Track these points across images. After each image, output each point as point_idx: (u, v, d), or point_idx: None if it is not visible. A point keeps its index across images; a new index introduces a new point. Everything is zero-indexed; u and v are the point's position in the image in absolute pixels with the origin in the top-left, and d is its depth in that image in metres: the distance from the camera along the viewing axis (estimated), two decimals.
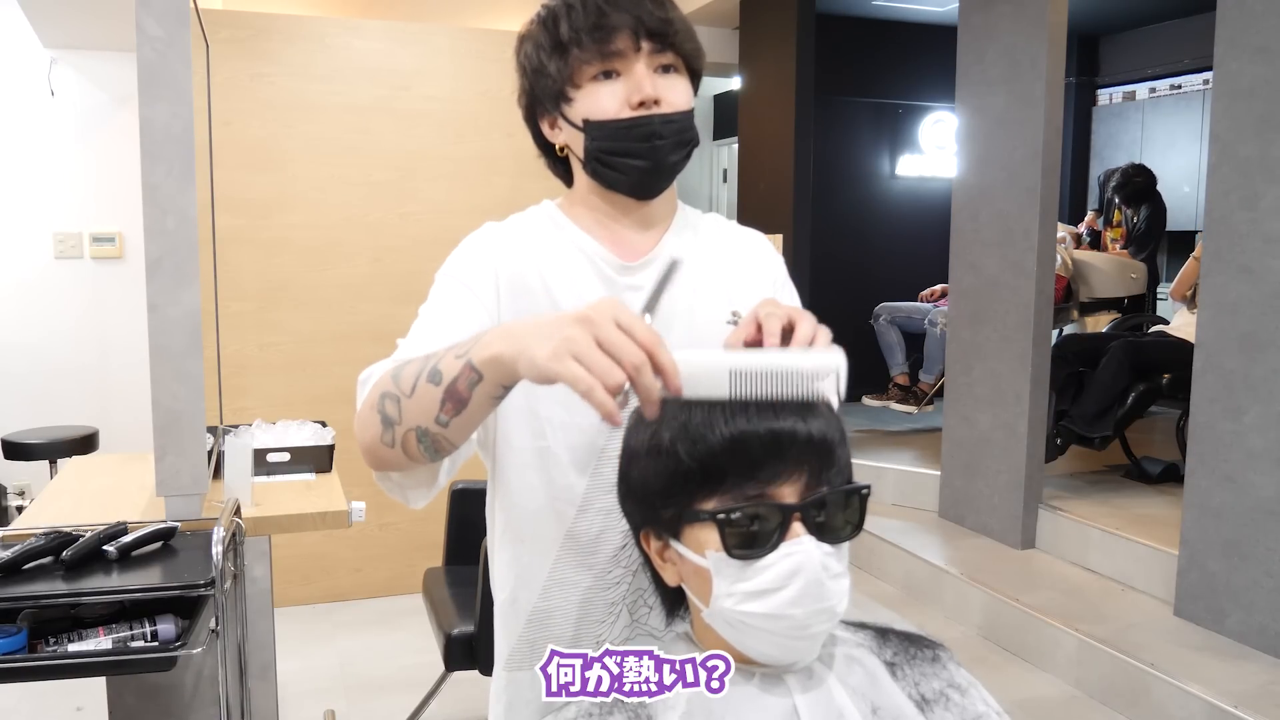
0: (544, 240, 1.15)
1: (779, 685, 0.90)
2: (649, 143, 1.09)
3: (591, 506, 1.09)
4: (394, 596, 3.84)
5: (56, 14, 3.92)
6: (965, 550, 3.85)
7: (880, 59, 5.97)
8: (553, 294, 1.10)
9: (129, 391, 4.37)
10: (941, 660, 0.98)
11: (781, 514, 0.84)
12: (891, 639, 0.99)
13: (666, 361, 0.78)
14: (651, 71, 1.09)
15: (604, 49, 1.07)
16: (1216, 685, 2.69)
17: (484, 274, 1.10)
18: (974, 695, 0.96)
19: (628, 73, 1.09)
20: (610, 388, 0.75)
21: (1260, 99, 2.82)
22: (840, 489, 0.87)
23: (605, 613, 1.10)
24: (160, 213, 2.00)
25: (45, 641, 1.66)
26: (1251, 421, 2.87)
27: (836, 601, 0.85)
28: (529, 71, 1.15)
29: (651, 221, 1.17)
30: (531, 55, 1.14)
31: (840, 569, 0.86)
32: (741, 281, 1.19)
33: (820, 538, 0.85)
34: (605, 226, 1.16)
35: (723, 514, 0.84)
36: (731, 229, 1.25)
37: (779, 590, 0.84)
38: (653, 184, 1.13)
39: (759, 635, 0.86)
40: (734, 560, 0.85)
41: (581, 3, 1.08)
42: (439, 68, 3.83)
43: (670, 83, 1.10)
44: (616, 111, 1.08)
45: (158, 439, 2.04)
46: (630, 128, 1.08)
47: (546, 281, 1.11)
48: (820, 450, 0.86)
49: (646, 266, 1.14)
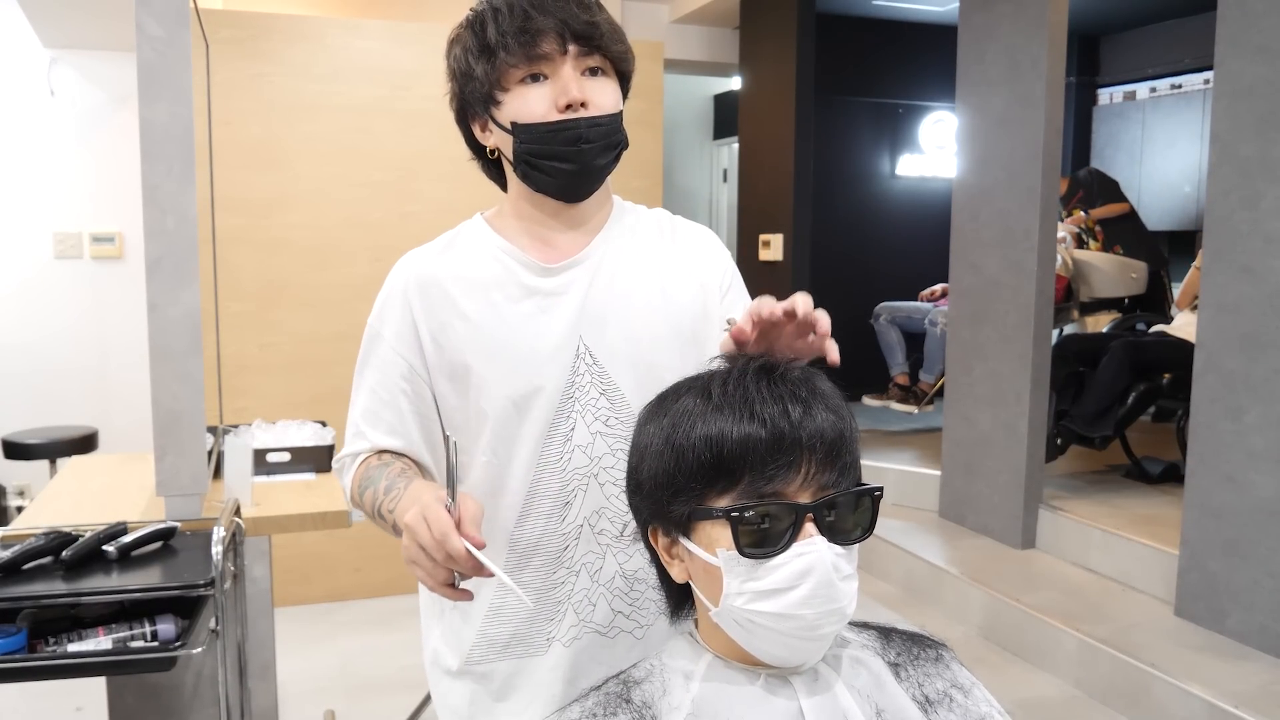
0: (464, 252, 1.19)
1: (785, 687, 0.89)
2: (575, 146, 1.10)
3: (531, 514, 1.14)
4: (394, 596, 3.84)
5: (56, 14, 3.92)
6: (966, 550, 3.85)
7: (880, 59, 5.96)
8: (459, 305, 1.15)
9: (129, 391, 4.37)
10: (945, 660, 0.98)
11: (794, 514, 0.84)
12: (895, 639, 0.99)
13: (456, 551, 0.90)
14: (579, 74, 1.11)
15: (530, 52, 1.09)
16: (1217, 685, 2.68)
17: (403, 335, 1.16)
18: (977, 695, 0.96)
19: (554, 76, 1.10)
20: (439, 586, 0.94)
21: (1261, 99, 2.82)
22: (852, 490, 0.87)
23: (552, 611, 1.15)
24: (160, 213, 2.00)
25: (45, 641, 1.66)
26: (1252, 421, 2.87)
27: (846, 603, 0.86)
28: (458, 75, 1.17)
29: (581, 222, 1.19)
30: (460, 59, 1.16)
31: (850, 570, 0.86)
32: (678, 275, 1.20)
33: (831, 538, 0.85)
34: (533, 232, 1.18)
35: (735, 512, 0.84)
36: (676, 225, 1.26)
37: (790, 590, 0.84)
38: (580, 187, 1.15)
39: (768, 635, 0.86)
40: (745, 559, 0.85)
41: (508, 7, 1.10)
42: (439, 68, 3.81)
43: (598, 85, 1.12)
44: (544, 114, 1.10)
45: (158, 439, 2.04)
46: (557, 130, 1.10)
47: (455, 294, 1.15)
48: (834, 451, 0.86)
49: (571, 268, 1.16)
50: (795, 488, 0.85)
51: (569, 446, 1.13)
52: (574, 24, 1.09)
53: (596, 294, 1.16)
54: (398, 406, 1.16)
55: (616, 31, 1.14)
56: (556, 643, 1.16)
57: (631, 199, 1.29)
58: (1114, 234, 5.21)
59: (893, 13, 5.78)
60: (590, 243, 1.18)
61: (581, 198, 1.16)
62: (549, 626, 1.16)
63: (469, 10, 1.15)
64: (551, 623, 1.16)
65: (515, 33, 1.08)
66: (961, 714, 0.93)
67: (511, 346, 1.13)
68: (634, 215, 1.25)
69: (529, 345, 1.13)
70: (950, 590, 3.63)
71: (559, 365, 1.13)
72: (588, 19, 1.10)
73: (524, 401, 1.13)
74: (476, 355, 1.13)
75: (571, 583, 1.15)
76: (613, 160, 1.15)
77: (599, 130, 1.11)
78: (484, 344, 1.13)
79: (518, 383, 1.12)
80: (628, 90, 1.18)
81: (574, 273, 1.16)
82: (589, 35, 1.10)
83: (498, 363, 1.13)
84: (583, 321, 1.14)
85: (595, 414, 1.14)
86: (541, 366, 1.13)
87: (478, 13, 1.13)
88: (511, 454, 1.13)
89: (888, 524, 4.09)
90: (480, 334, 1.14)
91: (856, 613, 0.90)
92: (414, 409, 1.17)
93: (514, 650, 1.17)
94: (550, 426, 1.13)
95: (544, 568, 1.15)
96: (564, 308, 1.15)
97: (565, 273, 1.16)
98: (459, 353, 1.14)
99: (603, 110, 1.12)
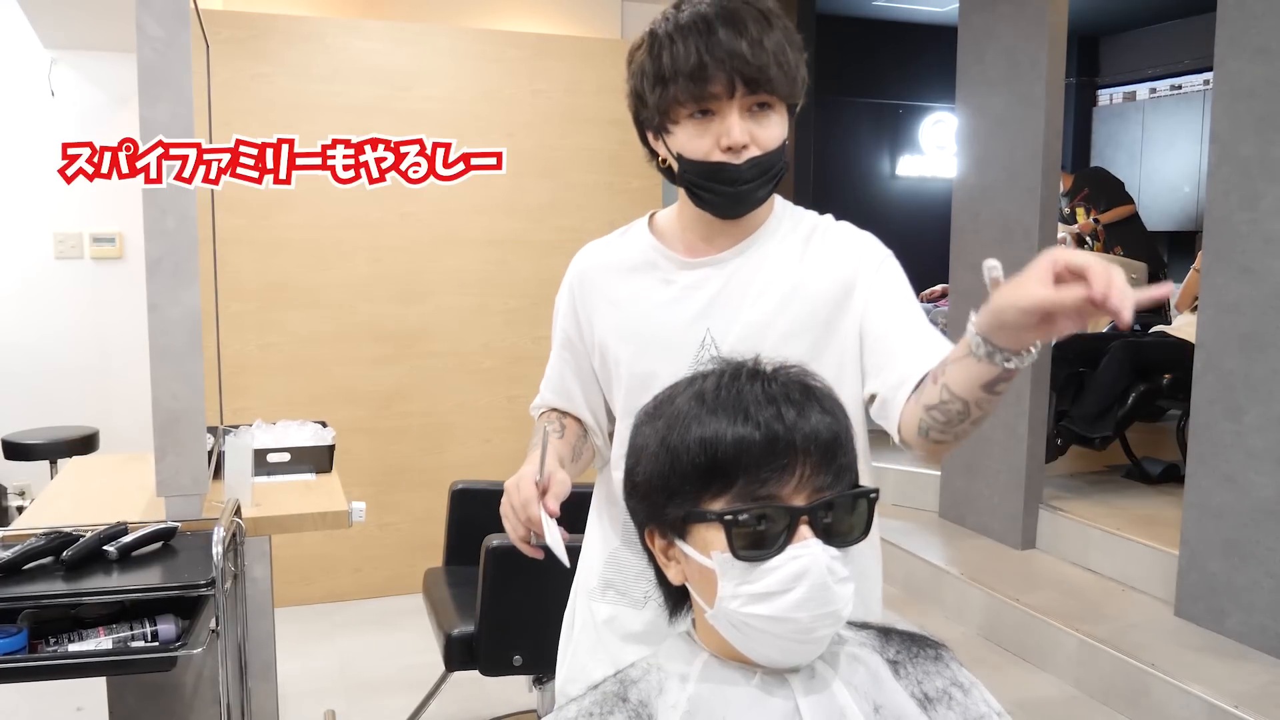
0: (626, 244, 1.32)
1: (782, 686, 0.89)
2: (734, 186, 1.17)
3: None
4: (394, 596, 3.84)
5: (56, 14, 3.91)
6: (965, 550, 3.85)
7: (880, 59, 5.97)
8: (607, 293, 1.29)
9: (129, 391, 4.36)
10: (944, 659, 0.97)
11: (789, 516, 0.84)
12: (894, 638, 0.98)
13: (533, 515, 1.13)
14: (745, 113, 1.15)
15: (699, 92, 1.13)
16: (1217, 685, 2.69)
17: (568, 313, 1.34)
18: (976, 695, 0.96)
19: (721, 114, 1.15)
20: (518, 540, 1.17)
21: (1260, 99, 2.82)
22: (848, 493, 0.87)
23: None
24: (160, 213, 2.00)
25: (45, 641, 1.66)
26: (1252, 422, 2.87)
27: (841, 606, 0.85)
28: (634, 93, 1.23)
29: (736, 229, 1.25)
30: (636, 78, 1.21)
31: (846, 573, 0.86)
32: (815, 271, 1.24)
33: (827, 541, 0.85)
34: (692, 228, 1.27)
35: (729, 515, 0.84)
36: (826, 226, 1.29)
37: (785, 593, 0.83)
38: (737, 211, 1.22)
39: (762, 638, 0.86)
40: (739, 562, 0.85)
41: (683, 39, 1.13)
42: (439, 68, 3.83)
43: (763, 122, 1.16)
44: (706, 153, 1.16)
45: (158, 439, 2.04)
46: (718, 170, 1.16)
47: (607, 282, 1.30)
48: (829, 453, 0.86)
49: (711, 265, 1.24)
50: (790, 490, 0.85)
51: None
52: (744, 69, 1.12)
53: (730, 290, 1.23)
54: (563, 373, 1.36)
55: (785, 63, 1.15)
56: (653, 600, 1.26)
57: (630, 198, 1.31)
58: (1115, 235, 5.22)
59: (893, 13, 5.78)
60: (736, 245, 1.25)
61: (739, 216, 1.23)
62: (650, 585, 1.22)
63: (649, 27, 1.19)
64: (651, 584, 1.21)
65: (688, 74, 1.13)
66: (960, 712, 0.93)
67: (642, 331, 1.26)
68: (792, 220, 1.29)
69: (655, 331, 1.25)
70: (950, 590, 3.63)
71: (681, 352, 1.22)
72: (758, 63, 1.12)
73: (645, 380, 1.22)
74: (614, 336, 1.29)
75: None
76: (772, 188, 1.22)
77: (757, 169, 1.17)
78: (621, 327, 1.28)
79: (643, 362, 1.25)
80: (797, 111, 1.22)
81: (712, 269, 1.25)
82: (756, 80, 1.13)
83: (629, 344, 1.27)
84: (711, 314, 1.23)
85: None
86: (664, 351, 1.23)
87: (657, 36, 1.17)
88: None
89: (888, 524, 4.08)
90: (620, 317, 1.28)
91: (856, 613, 0.90)
92: (575, 376, 1.36)
93: (612, 597, 1.32)
94: None
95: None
96: (696, 300, 1.24)
97: (704, 268, 1.25)
98: (604, 332, 1.30)
99: (765, 148, 1.16)
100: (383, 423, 3.87)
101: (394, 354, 3.86)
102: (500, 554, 2.24)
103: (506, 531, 1.18)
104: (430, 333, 3.89)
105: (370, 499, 2.78)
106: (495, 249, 3.93)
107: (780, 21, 1.16)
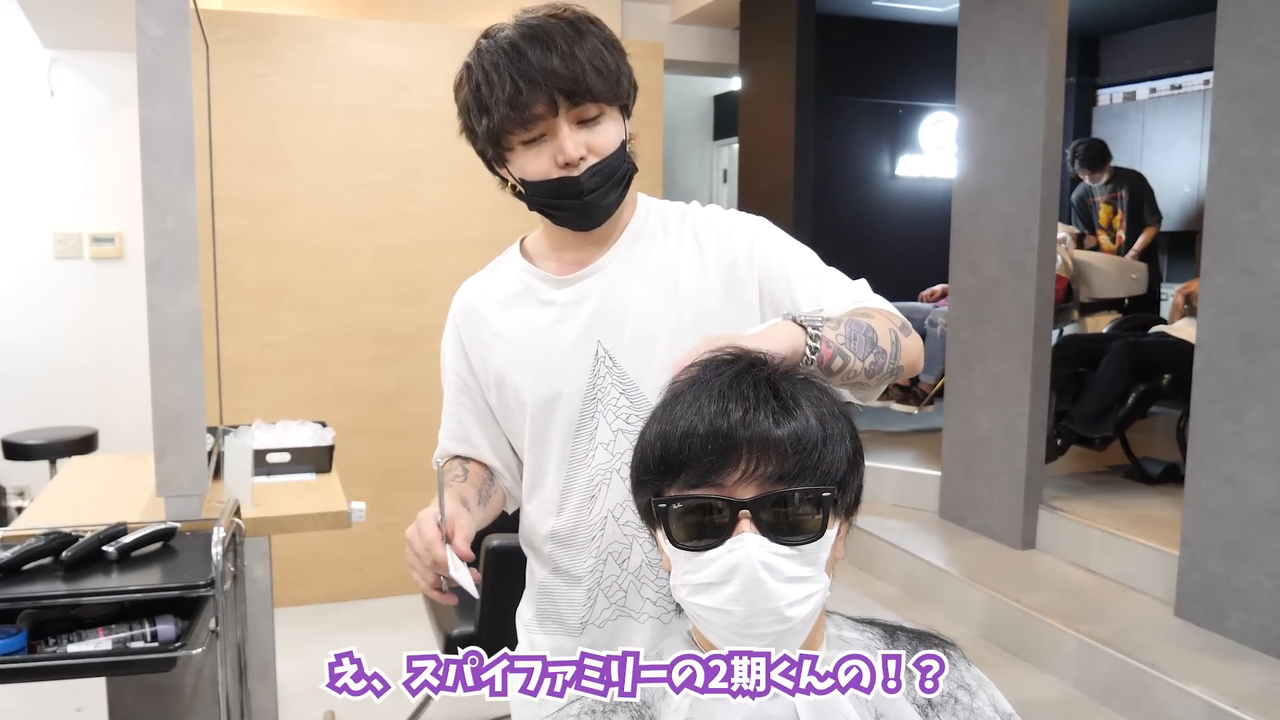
0: (499, 276, 1.32)
1: None
2: (580, 198, 1.16)
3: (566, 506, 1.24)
4: (394, 596, 3.84)
5: (56, 14, 3.92)
6: (965, 551, 3.85)
7: (880, 59, 5.96)
8: (493, 325, 1.28)
9: (129, 391, 4.36)
10: (952, 659, 0.97)
11: (730, 510, 0.85)
12: (900, 638, 0.98)
13: (438, 558, 1.08)
14: (575, 126, 1.14)
15: (522, 117, 1.12)
16: (1217, 686, 2.68)
17: (457, 355, 1.31)
18: (983, 697, 0.95)
19: (552, 133, 1.14)
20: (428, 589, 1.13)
21: (1260, 99, 2.82)
22: (795, 489, 0.85)
23: (585, 595, 1.25)
24: (160, 213, 2.00)
25: (45, 642, 1.66)
26: (1252, 422, 2.87)
27: (785, 605, 0.84)
28: (465, 128, 1.22)
29: (603, 236, 1.24)
30: (464, 114, 1.20)
31: (795, 572, 0.84)
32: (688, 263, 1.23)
33: (772, 538, 0.84)
34: (560, 245, 1.26)
35: (665, 504, 0.87)
36: (694, 214, 1.28)
37: (721, 585, 0.85)
38: (592, 221, 1.21)
39: (710, 629, 0.88)
40: (680, 551, 0.87)
41: (497, 73, 1.12)
42: (439, 68, 3.83)
43: (596, 131, 1.16)
44: (546, 172, 1.16)
45: (158, 439, 2.04)
46: (560, 186, 1.16)
47: (490, 315, 1.28)
48: (781, 450, 0.84)
49: (585, 278, 1.23)
50: (733, 483, 0.85)
51: (593, 444, 1.21)
52: (560, 84, 1.11)
53: (611, 299, 1.22)
54: (460, 419, 1.32)
55: (605, 68, 1.13)
56: (591, 625, 1.25)
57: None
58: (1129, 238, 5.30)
59: (893, 13, 5.78)
60: (606, 253, 1.24)
61: (595, 226, 1.21)
62: (583, 610, 1.25)
63: (465, 61, 1.17)
64: (584, 606, 1.25)
65: (507, 102, 1.11)
66: (966, 716, 0.93)
67: (535, 356, 1.24)
68: (660, 214, 1.28)
69: (549, 354, 1.23)
70: (950, 591, 3.63)
71: (578, 370, 1.21)
72: (574, 74, 1.10)
73: (549, 405, 1.22)
74: (509, 367, 1.26)
75: (601, 570, 1.23)
76: (621, 192, 1.20)
77: (600, 176, 1.16)
78: (513, 356, 1.25)
79: (542, 388, 1.23)
80: (632, 108, 1.21)
81: (588, 282, 1.23)
82: (576, 92, 1.12)
83: (525, 371, 1.24)
84: (598, 327, 1.21)
85: (617, 413, 1.20)
86: (562, 372, 1.22)
87: (471, 70, 1.15)
88: (545, 453, 1.24)
89: (888, 524, 4.09)
90: (510, 348, 1.26)
91: (860, 612, 0.90)
92: (475, 419, 1.32)
93: (550, 627, 1.29)
94: (576, 426, 1.22)
95: (578, 555, 1.24)
96: (579, 316, 1.23)
97: (579, 283, 1.24)
98: (497, 367, 1.27)
99: (602, 154, 1.16)
100: (383, 423, 3.87)
101: (394, 354, 3.86)
102: (500, 554, 2.24)
103: (415, 581, 1.14)
104: (430, 333, 3.87)
105: (370, 499, 2.78)
106: (495, 249, 3.85)
107: (591, 28, 1.15)
